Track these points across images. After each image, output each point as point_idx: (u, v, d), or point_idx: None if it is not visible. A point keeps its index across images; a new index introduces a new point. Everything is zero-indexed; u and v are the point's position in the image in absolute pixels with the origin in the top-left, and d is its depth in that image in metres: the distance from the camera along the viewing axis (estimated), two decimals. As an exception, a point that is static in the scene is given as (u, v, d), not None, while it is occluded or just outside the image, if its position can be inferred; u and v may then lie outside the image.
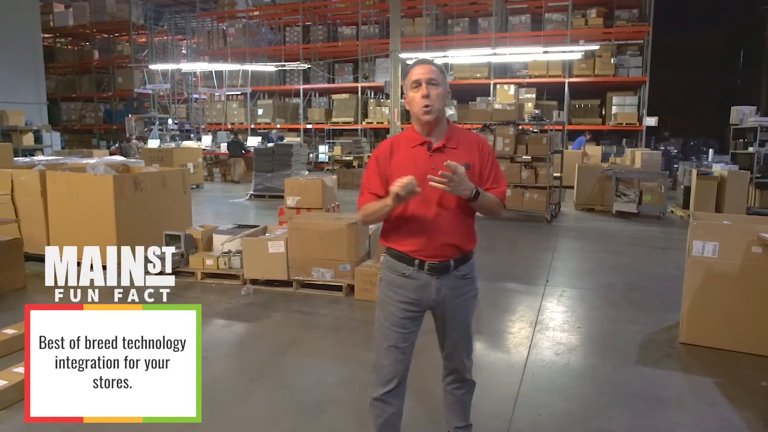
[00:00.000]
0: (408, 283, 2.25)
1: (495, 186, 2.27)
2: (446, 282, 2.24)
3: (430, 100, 2.16)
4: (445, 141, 2.24)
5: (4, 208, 5.59)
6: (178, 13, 21.88)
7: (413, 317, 2.29)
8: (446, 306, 2.28)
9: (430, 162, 2.17)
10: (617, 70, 15.71)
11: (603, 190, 10.42)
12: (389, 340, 2.28)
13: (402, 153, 2.25)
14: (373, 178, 2.27)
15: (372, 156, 2.33)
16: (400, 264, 2.26)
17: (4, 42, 15.81)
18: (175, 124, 18.73)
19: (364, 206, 2.26)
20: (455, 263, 2.24)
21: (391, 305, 2.29)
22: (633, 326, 4.50)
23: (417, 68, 2.22)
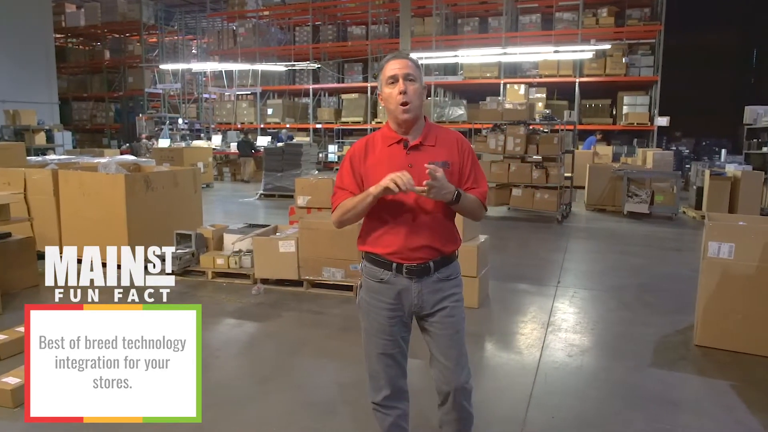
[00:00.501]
0: (387, 289, 2.15)
1: (475, 186, 2.17)
2: (427, 285, 2.14)
3: (408, 97, 2.05)
4: (422, 138, 2.13)
5: (17, 206, 5.61)
6: (189, 13, 21.97)
7: (398, 323, 2.18)
8: (430, 310, 2.16)
9: (406, 160, 2.08)
10: (628, 70, 15.60)
11: (614, 190, 10.34)
12: (378, 347, 2.20)
13: (377, 152, 2.14)
14: (348, 178, 2.17)
15: (346, 155, 2.22)
16: (377, 269, 2.16)
17: (17, 42, 15.94)
18: (185, 124, 18.81)
19: (341, 204, 2.15)
20: (435, 265, 2.13)
21: (373, 312, 2.19)
22: (646, 328, 4.45)
23: (392, 63, 2.10)
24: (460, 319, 2.20)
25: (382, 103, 2.15)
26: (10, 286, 5.01)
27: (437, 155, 2.10)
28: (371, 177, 2.08)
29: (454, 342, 2.17)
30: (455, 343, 2.17)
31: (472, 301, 4.78)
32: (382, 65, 2.15)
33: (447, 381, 2.17)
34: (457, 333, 2.19)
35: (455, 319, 2.18)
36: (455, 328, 2.18)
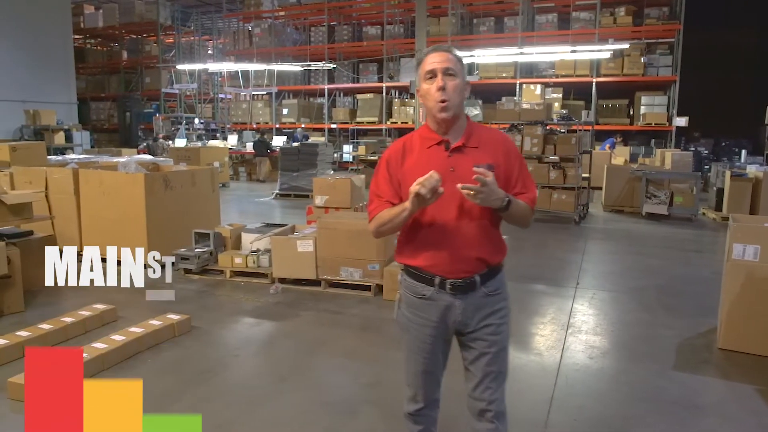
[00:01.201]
0: (429, 306, 1.98)
1: (524, 191, 1.99)
2: (472, 301, 1.96)
3: (447, 94, 1.88)
4: (464, 139, 1.95)
5: (38, 205, 5.68)
6: (205, 13, 22.11)
7: (440, 341, 2.04)
8: (474, 328, 1.99)
9: (448, 163, 1.89)
10: (646, 70, 15.43)
11: (632, 191, 10.23)
12: (417, 365, 2.07)
13: (416, 154, 1.97)
14: (384, 185, 2.00)
15: (381, 159, 2.04)
16: (419, 284, 1.99)
17: (37, 44, 16.16)
18: (201, 124, 18.94)
19: (377, 215, 1.98)
20: (481, 279, 1.96)
21: (413, 329, 2.04)
22: (668, 330, 4.39)
23: (432, 56, 1.92)
24: (505, 337, 2.05)
25: (420, 100, 1.99)
26: (32, 284, 5.06)
27: (481, 158, 1.91)
28: (410, 182, 1.86)
29: (495, 361, 2.02)
30: (496, 360, 2.02)
31: (490, 302, 4.76)
32: (420, 58, 1.98)
33: (481, 397, 2.02)
34: (502, 351, 2.04)
35: (500, 337, 2.02)
36: (499, 346, 2.02)
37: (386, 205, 1.98)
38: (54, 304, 4.90)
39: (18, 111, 14.86)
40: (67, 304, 4.89)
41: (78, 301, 4.84)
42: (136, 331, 3.90)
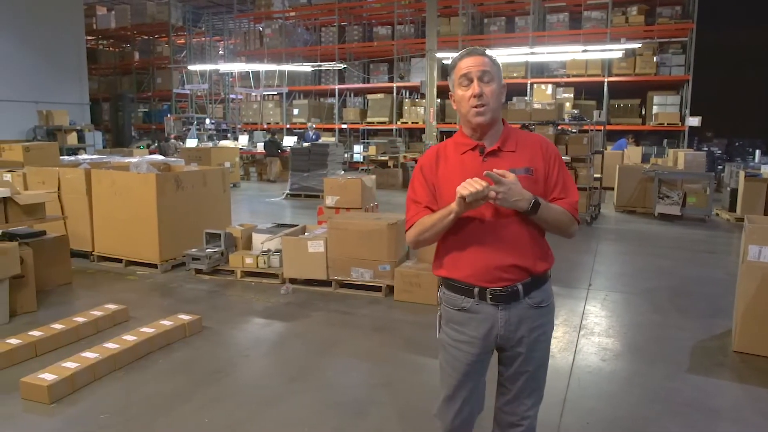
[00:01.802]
0: (469, 319, 1.87)
1: (563, 196, 1.88)
2: (516, 312, 1.85)
3: (484, 99, 1.79)
4: (500, 143, 1.86)
5: (51, 205, 5.73)
6: (216, 14, 22.22)
7: (480, 360, 1.91)
8: (516, 343, 1.88)
9: (482, 168, 1.78)
10: (659, 69, 15.30)
11: (645, 191, 10.14)
12: (450, 387, 1.95)
13: (450, 161, 1.90)
14: (421, 189, 1.92)
15: (417, 166, 1.98)
16: (458, 296, 1.88)
17: (50, 45, 16.31)
18: (212, 124, 19.03)
19: (418, 221, 1.90)
20: (525, 288, 1.84)
21: (453, 347, 1.92)
22: (682, 333, 4.34)
23: (466, 60, 1.83)
24: (546, 354, 1.95)
25: (454, 105, 1.91)
26: (44, 284, 5.12)
27: (518, 161, 1.84)
28: (444, 189, 1.84)
29: (535, 377, 1.93)
30: (536, 377, 1.93)
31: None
32: (454, 62, 1.88)
33: (515, 413, 1.95)
34: (541, 368, 1.95)
35: (541, 354, 1.92)
36: (539, 363, 1.93)
37: (426, 211, 1.90)
38: (66, 303, 4.94)
39: (31, 111, 15.01)
40: (80, 303, 4.93)
41: (90, 301, 4.87)
42: (148, 332, 3.92)
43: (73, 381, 3.27)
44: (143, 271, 5.98)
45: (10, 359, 3.63)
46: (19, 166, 7.05)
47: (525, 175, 1.82)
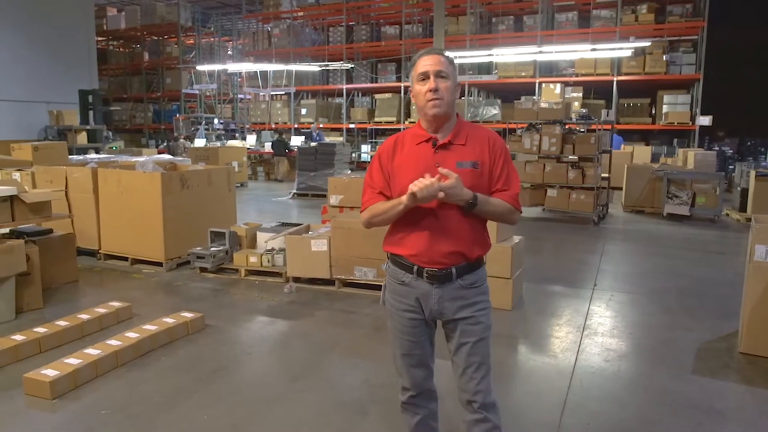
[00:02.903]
0: (408, 292, 2.10)
1: (506, 188, 2.06)
2: (449, 292, 2.05)
3: (439, 93, 1.98)
4: (451, 137, 2.05)
5: (58, 204, 5.76)
6: (225, 15, 22.30)
7: (420, 324, 2.13)
8: (452, 317, 2.08)
9: (434, 159, 2.00)
10: (669, 68, 15.15)
11: (653, 191, 10.06)
12: (401, 348, 2.17)
13: (405, 150, 2.08)
14: (377, 176, 2.12)
15: (375, 154, 2.18)
16: (400, 271, 2.10)
17: (61, 45, 16.42)
18: (220, 124, 19.09)
19: (372, 206, 2.10)
20: (458, 271, 2.04)
21: (396, 314, 2.16)
22: (688, 334, 4.30)
23: (424, 59, 2.03)
24: (484, 328, 2.10)
25: (413, 99, 2.09)
26: (51, 281, 5.16)
27: (466, 154, 2.03)
28: (398, 176, 2.04)
29: (476, 351, 2.08)
30: (477, 351, 2.08)
31: (505, 303, 4.71)
32: (414, 61, 2.08)
33: (466, 389, 2.09)
34: (480, 341, 2.09)
35: (478, 327, 2.08)
36: (479, 336, 2.09)
37: (379, 197, 2.11)
38: (72, 301, 4.97)
39: (42, 112, 15.12)
40: (85, 301, 4.96)
41: (95, 299, 4.90)
42: (151, 329, 3.93)
43: (75, 377, 3.28)
44: (149, 269, 6.00)
45: (15, 355, 3.66)
46: (28, 165, 7.11)
47: (471, 169, 2.02)
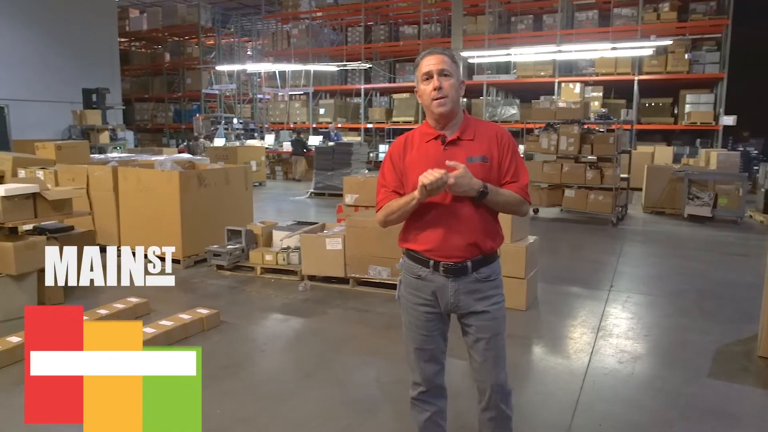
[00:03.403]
0: (424, 286, 2.13)
1: (514, 180, 2.11)
2: (464, 285, 2.10)
3: (443, 92, 2.04)
4: (459, 133, 2.10)
5: (80, 201, 5.88)
6: (245, 15, 22.49)
7: (435, 319, 2.17)
8: (467, 311, 2.12)
9: (444, 156, 2.04)
10: (692, 67, 14.89)
11: (674, 192, 9.90)
12: (414, 342, 2.20)
13: (415, 149, 2.14)
14: (390, 175, 2.16)
15: (386, 154, 2.23)
16: (416, 265, 2.14)
17: (85, 47, 16.73)
18: (240, 124, 19.26)
19: (386, 205, 2.14)
20: (473, 264, 2.09)
21: (411, 308, 2.19)
22: (705, 336, 4.23)
23: (427, 59, 2.09)
24: (500, 322, 2.16)
25: (419, 99, 2.14)
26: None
27: (475, 149, 2.08)
28: (410, 174, 2.08)
29: (492, 345, 2.14)
30: (493, 345, 2.14)
31: (519, 303, 4.68)
32: (417, 62, 2.14)
33: (483, 379, 2.16)
34: (496, 336, 2.15)
35: (494, 323, 2.14)
36: (494, 331, 2.14)
37: (393, 195, 2.14)
38: (91, 296, 5.05)
39: (66, 111, 15.43)
40: (104, 296, 5.03)
41: (115, 294, 4.96)
42: (166, 324, 4.00)
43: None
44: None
45: (34, 350, 3.73)
46: (51, 164, 7.26)
47: (480, 163, 2.06)
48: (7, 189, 4.46)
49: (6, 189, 4.45)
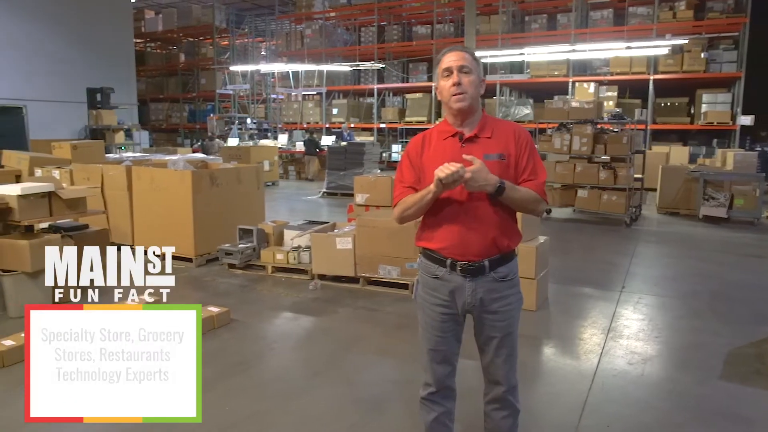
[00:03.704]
0: (441, 286, 2.13)
1: (532, 178, 2.09)
2: (482, 284, 2.09)
3: (462, 87, 2.04)
4: (477, 130, 2.10)
5: (94, 200, 5.96)
6: (259, 16, 22.62)
7: (451, 320, 2.16)
8: (483, 311, 2.12)
9: (461, 153, 2.03)
10: (708, 66, 14.71)
11: (689, 192, 9.80)
12: (428, 343, 2.20)
13: (433, 146, 2.14)
14: (407, 172, 2.17)
15: (405, 151, 2.23)
16: (433, 265, 2.14)
17: (101, 48, 16.94)
18: (253, 124, 19.37)
19: (402, 200, 2.14)
20: (491, 264, 2.08)
21: (427, 308, 2.18)
22: (718, 338, 4.18)
23: (448, 56, 2.10)
24: (513, 322, 2.17)
25: (438, 96, 2.14)
26: (85, 275, 5.32)
27: (492, 147, 2.07)
28: (427, 171, 2.07)
29: (504, 344, 2.16)
30: (505, 344, 2.16)
31: (529, 304, 4.65)
32: (438, 58, 2.15)
33: (494, 375, 2.20)
34: (509, 335, 2.17)
35: (508, 322, 2.15)
36: (507, 331, 2.16)
37: (410, 191, 2.14)
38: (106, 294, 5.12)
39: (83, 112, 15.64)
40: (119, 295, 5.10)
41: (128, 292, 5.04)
42: (177, 323, 4.03)
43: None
44: (179, 264, 6.13)
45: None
46: (66, 164, 7.36)
47: (498, 160, 2.05)
48: (23, 188, 4.54)
49: (22, 188, 4.54)
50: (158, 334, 1.96)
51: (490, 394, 2.24)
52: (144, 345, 1.95)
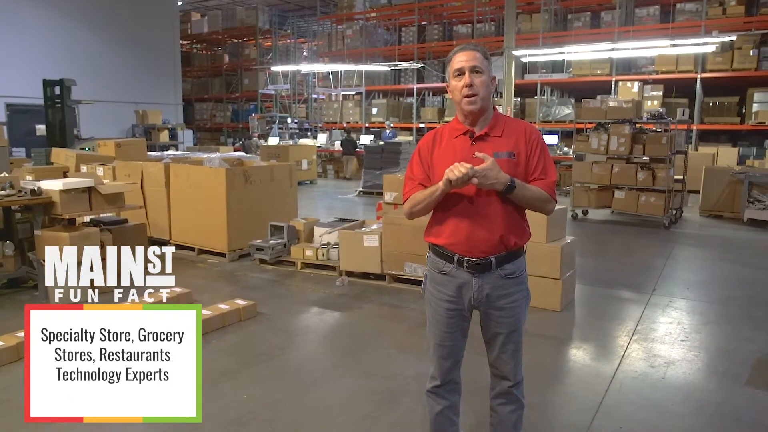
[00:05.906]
0: (448, 281, 2.15)
1: (542, 177, 2.10)
2: (489, 281, 2.11)
3: (474, 89, 2.04)
4: (488, 129, 2.11)
5: (134, 195, 6.22)
6: (301, 17, 22.96)
7: (457, 316, 2.19)
8: (490, 307, 2.15)
9: (471, 151, 2.04)
10: (760, 64, 14.10)
11: (733, 195, 9.45)
12: (435, 337, 2.23)
13: (444, 144, 2.15)
14: (417, 169, 2.19)
15: (416, 148, 2.25)
16: (440, 261, 2.16)
17: (149, 49, 17.61)
18: (294, 123, 19.70)
19: (413, 196, 2.16)
20: (497, 261, 2.09)
21: (435, 303, 2.22)
22: (748, 345, 4.06)
23: (459, 55, 2.09)
24: (520, 318, 2.19)
25: (450, 95, 2.15)
26: (124, 267, 5.56)
27: (502, 145, 2.09)
28: (437, 169, 2.10)
29: (510, 340, 2.19)
30: (511, 340, 2.19)
31: (554, 304, 4.63)
32: (449, 58, 2.15)
33: (500, 370, 2.24)
34: (515, 331, 2.19)
35: (514, 319, 2.17)
36: (513, 327, 2.18)
37: (419, 187, 2.16)
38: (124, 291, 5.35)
39: (130, 111, 16.28)
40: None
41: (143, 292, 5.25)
42: (205, 314, 4.18)
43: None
44: (213, 259, 6.35)
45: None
46: (110, 161, 7.69)
47: (507, 159, 2.06)
48: (65, 183, 4.80)
49: (64, 183, 4.79)
50: (158, 334, 1.99)
51: (496, 388, 2.27)
52: (144, 345, 1.99)
